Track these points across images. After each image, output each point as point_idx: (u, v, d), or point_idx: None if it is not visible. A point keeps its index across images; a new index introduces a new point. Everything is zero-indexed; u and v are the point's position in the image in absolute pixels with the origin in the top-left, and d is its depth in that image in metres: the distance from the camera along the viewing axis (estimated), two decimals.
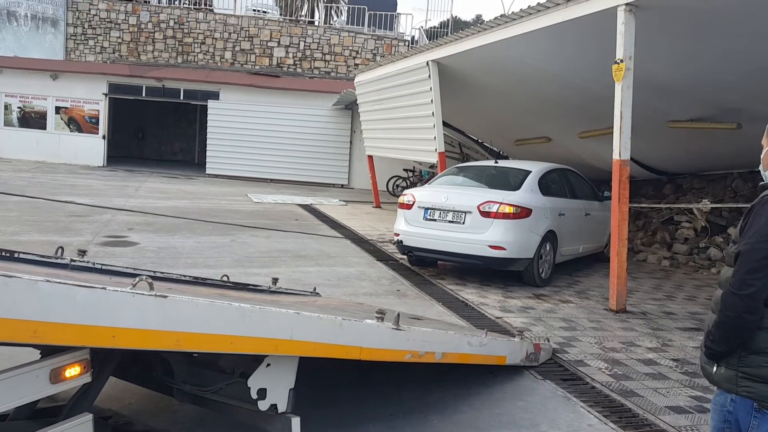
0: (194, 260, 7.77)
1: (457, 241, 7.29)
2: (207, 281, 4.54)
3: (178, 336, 2.29)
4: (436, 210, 7.54)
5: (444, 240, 7.39)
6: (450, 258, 7.66)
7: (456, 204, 7.41)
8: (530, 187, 7.69)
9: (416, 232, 7.66)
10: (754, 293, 2.05)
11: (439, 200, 7.57)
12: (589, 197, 8.97)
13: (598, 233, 9.19)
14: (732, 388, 2.16)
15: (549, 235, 7.58)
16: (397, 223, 8.06)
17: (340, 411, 3.82)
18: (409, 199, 7.87)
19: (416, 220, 7.70)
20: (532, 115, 11.80)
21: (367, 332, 3.14)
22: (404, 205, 7.93)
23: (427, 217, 7.60)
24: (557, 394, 4.33)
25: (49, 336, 1.98)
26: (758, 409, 2.10)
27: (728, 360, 2.17)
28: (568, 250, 8.24)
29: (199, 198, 14.66)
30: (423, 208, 7.66)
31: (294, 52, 23.83)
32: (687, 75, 8.10)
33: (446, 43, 10.27)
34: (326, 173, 20.80)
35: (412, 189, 8.66)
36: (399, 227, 7.94)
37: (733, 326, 2.11)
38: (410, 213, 7.79)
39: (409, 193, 8.13)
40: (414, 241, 7.70)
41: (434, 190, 8.00)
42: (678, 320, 6.44)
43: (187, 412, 3.56)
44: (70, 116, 21.07)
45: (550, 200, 7.79)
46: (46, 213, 10.41)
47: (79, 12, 24.22)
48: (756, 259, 2.06)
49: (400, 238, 7.85)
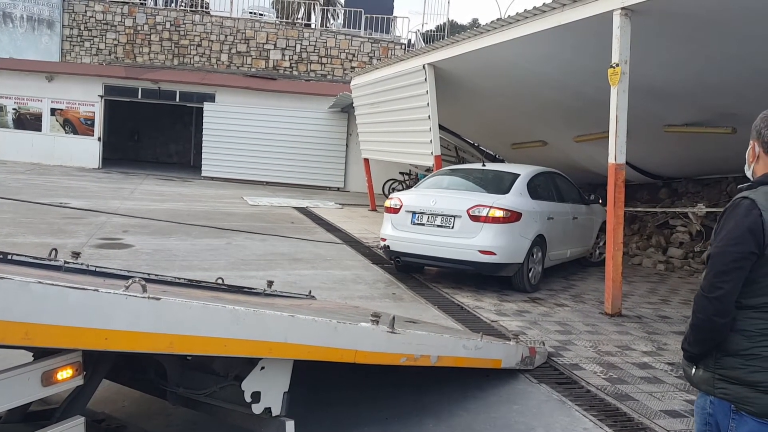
0: (189, 263, 7.74)
1: (447, 246, 7.15)
2: (202, 284, 4.52)
3: (171, 338, 2.27)
4: (425, 214, 7.37)
5: (433, 245, 7.23)
6: (439, 263, 7.50)
7: (445, 208, 7.26)
8: (519, 191, 7.58)
9: (404, 237, 7.48)
10: (723, 296, 2.05)
11: (428, 204, 7.40)
12: (575, 200, 8.89)
13: (585, 237, 9.14)
14: (710, 390, 2.16)
15: (538, 240, 7.47)
16: (383, 227, 7.86)
17: (335, 414, 3.80)
18: (396, 203, 7.69)
19: (404, 225, 7.52)
20: (528, 118, 11.81)
21: (363, 335, 3.12)
22: (391, 210, 7.74)
23: (415, 222, 7.43)
24: (552, 397, 4.32)
25: (40, 338, 1.96)
26: (736, 410, 2.09)
27: (705, 362, 2.17)
28: (556, 255, 8.16)
29: (195, 200, 14.63)
30: (410, 213, 7.48)
31: (290, 55, 23.83)
32: (682, 79, 8.12)
33: (443, 47, 10.29)
34: (322, 176, 20.79)
35: (398, 193, 8.40)
36: (386, 232, 7.74)
37: (705, 329, 2.11)
38: (397, 217, 7.61)
39: (395, 197, 7.93)
40: (401, 246, 7.51)
41: (422, 194, 7.82)
42: (673, 324, 6.45)
43: (181, 416, 3.54)
44: (65, 118, 21.02)
45: (539, 204, 7.70)
46: (40, 215, 10.36)
47: (75, 14, 24.17)
48: (724, 262, 2.06)
49: (387, 243, 7.66)
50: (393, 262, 8.07)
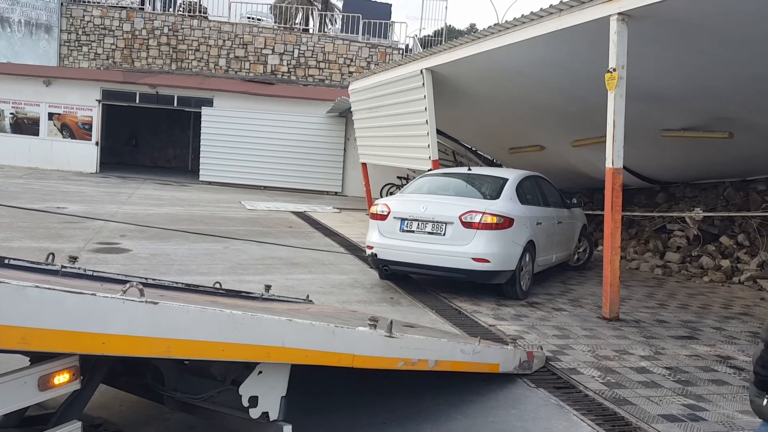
0: (187, 267, 7.73)
1: (438, 254, 6.91)
2: (199, 288, 4.51)
3: (168, 343, 2.27)
4: (414, 221, 7.09)
5: (423, 253, 6.97)
6: (430, 272, 7.19)
7: (436, 214, 7.01)
8: (509, 196, 7.40)
9: (392, 245, 7.18)
10: None
11: (417, 210, 7.12)
12: (558, 204, 8.71)
13: (569, 241, 9.04)
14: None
15: (529, 246, 7.30)
16: (369, 234, 7.51)
17: (333, 419, 3.79)
18: (383, 210, 7.37)
19: (392, 232, 7.23)
20: (525, 123, 11.84)
21: (360, 340, 3.12)
22: (378, 216, 7.41)
23: (404, 229, 7.15)
24: (550, 402, 4.32)
25: (37, 342, 1.95)
26: None
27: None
28: (543, 260, 7.96)
29: (193, 205, 14.62)
30: (399, 219, 7.20)
31: (288, 60, 23.87)
32: (679, 84, 8.15)
33: (440, 52, 10.31)
34: (320, 181, 20.80)
35: (385, 198, 8.04)
36: (372, 239, 7.40)
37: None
38: (385, 224, 7.30)
39: (382, 202, 7.59)
40: (390, 255, 7.21)
41: (411, 200, 7.50)
42: (671, 328, 6.45)
43: (178, 420, 3.53)
44: (63, 122, 21.01)
45: (528, 209, 7.54)
46: (37, 219, 10.35)
47: (73, 18, 24.19)
48: None
49: (374, 251, 7.30)
50: (379, 270, 7.71)
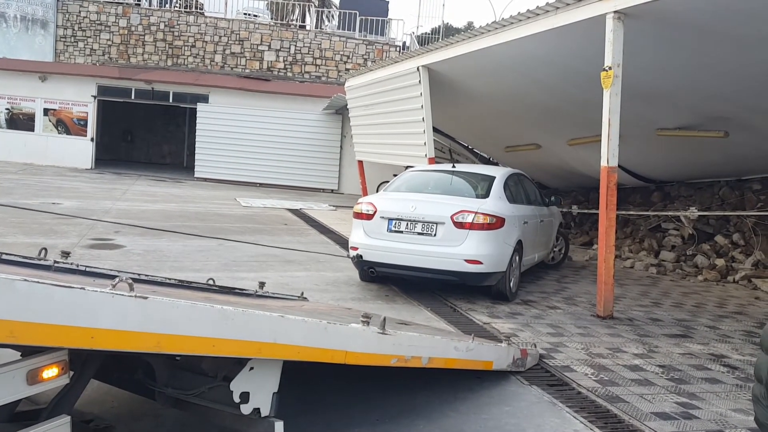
0: (181, 264, 7.71)
1: (429, 256, 6.63)
2: (192, 284, 4.50)
3: (158, 338, 2.26)
4: (403, 221, 6.80)
5: (413, 254, 6.68)
6: (419, 274, 6.88)
7: (426, 214, 6.72)
8: (498, 194, 7.23)
9: (379, 246, 6.86)
10: None
11: (406, 210, 6.82)
12: (539, 203, 8.58)
13: (549, 240, 8.99)
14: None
15: (518, 246, 7.15)
16: (353, 235, 7.17)
17: (325, 416, 3.78)
18: (369, 209, 7.04)
19: (378, 232, 6.91)
20: (521, 121, 11.84)
21: (353, 336, 3.11)
22: (363, 215, 7.07)
23: (391, 229, 6.84)
24: (543, 399, 4.32)
25: (25, 336, 1.94)
26: None
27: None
28: (528, 260, 7.81)
29: (187, 202, 14.58)
30: (387, 219, 6.89)
31: (285, 56, 23.81)
32: (675, 83, 8.15)
33: (437, 49, 10.30)
34: (316, 178, 20.77)
35: (370, 197, 7.67)
36: (357, 240, 7.06)
37: None
38: (371, 224, 6.98)
39: (367, 201, 7.25)
40: (376, 256, 6.87)
41: (399, 199, 7.22)
42: (664, 327, 6.46)
43: (170, 416, 3.52)
44: (58, 118, 20.93)
45: (516, 208, 7.41)
46: (31, 215, 10.30)
47: (69, 14, 24.10)
48: None
49: (359, 252, 6.96)
50: (364, 272, 7.33)
